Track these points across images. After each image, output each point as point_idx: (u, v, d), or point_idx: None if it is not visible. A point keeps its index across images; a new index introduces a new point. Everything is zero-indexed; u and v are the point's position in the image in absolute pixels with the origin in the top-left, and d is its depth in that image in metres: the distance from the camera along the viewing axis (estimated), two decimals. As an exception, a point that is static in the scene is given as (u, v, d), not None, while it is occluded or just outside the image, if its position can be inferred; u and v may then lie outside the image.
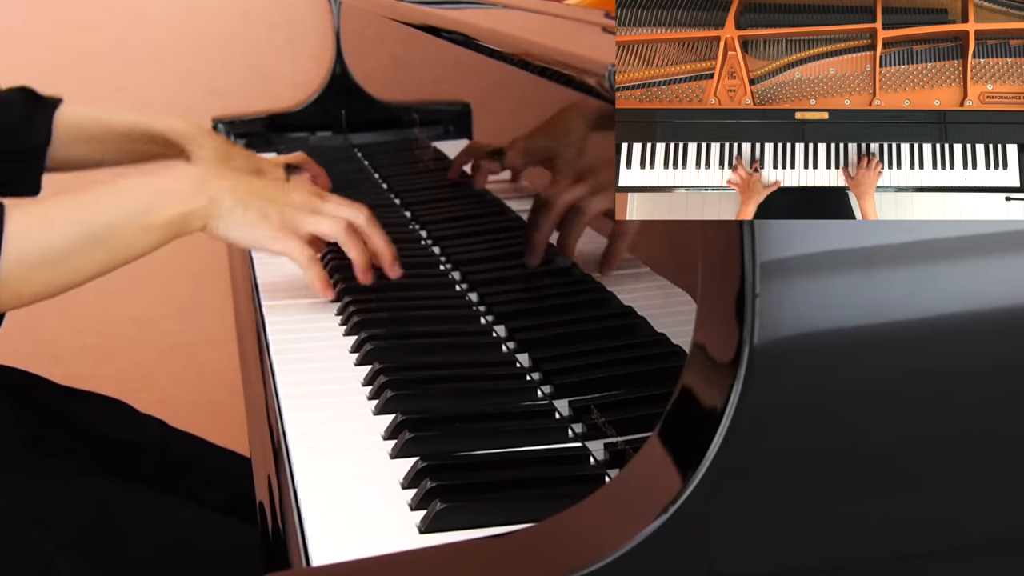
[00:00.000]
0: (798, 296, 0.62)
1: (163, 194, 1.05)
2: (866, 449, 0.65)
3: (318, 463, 0.83)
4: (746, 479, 0.63)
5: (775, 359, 0.62)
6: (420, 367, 0.98)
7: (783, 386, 0.63)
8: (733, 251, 0.62)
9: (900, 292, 0.64)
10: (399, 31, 1.55)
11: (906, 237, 0.64)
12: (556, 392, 0.92)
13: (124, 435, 1.34)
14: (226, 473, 1.38)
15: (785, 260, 0.62)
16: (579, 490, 0.68)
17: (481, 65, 1.18)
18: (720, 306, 0.64)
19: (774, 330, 0.62)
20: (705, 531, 0.64)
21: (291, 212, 1.08)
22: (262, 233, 1.07)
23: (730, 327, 0.62)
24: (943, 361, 0.66)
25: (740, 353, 0.61)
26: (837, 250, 0.63)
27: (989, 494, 0.69)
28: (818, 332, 0.63)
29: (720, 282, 0.63)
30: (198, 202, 1.05)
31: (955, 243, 0.65)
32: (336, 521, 0.76)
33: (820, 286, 0.63)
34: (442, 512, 0.73)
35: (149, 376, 2.25)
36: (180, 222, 1.05)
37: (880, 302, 0.64)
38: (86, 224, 1.02)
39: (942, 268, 0.65)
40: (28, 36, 2.08)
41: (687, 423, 0.65)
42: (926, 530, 0.68)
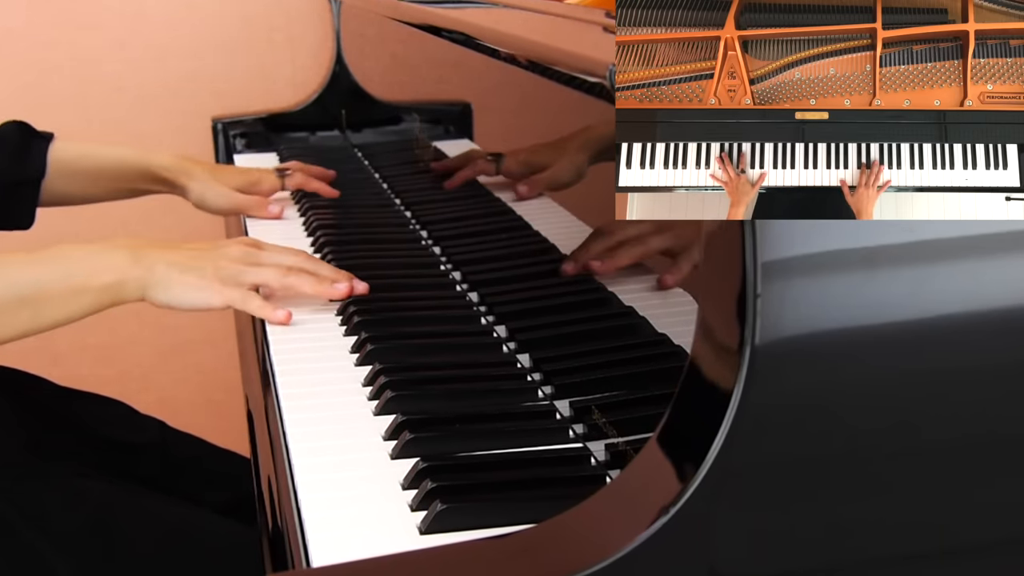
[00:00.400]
0: (799, 296, 0.62)
1: (97, 261, 1.06)
2: (867, 450, 0.65)
3: (318, 463, 0.84)
4: (747, 480, 0.64)
5: (776, 359, 0.62)
6: (421, 367, 0.98)
7: (784, 387, 0.63)
8: (734, 251, 0.62)
9: (902, 292, 0.64)
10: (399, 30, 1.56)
11: (908, 237, 0.64)
12: (557, 392, 0.92)
13: (124, 436, 1.34)
14: (226, 474, 1.38)
15: (787, 260, 0.62)
16: (580, 491, 0.68)
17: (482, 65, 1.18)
18: (721, 306, 0.64)
19: (775, 330, 0.62)
20: (706, 532, 0.64)
21: (226, 264, 1.09)
22: (201, 291, 1.07)
23: (731, 327, 0.62)
24: (944, 362, 0.66)
25: (741, 353, 0.62)
26: (839, 250, 0.63)
27: (989, 496, 0.69)
28: (819, 332, 0.63)
29: (721, 282, 0.63)
30: (134, 272, 1.06)
31: (957, 243, 0.65)
32: (336, 522, 0.76)
33: (821, 286, 0.63)
34: (443, 513, 0.74)
35: (149, 375, 2.25)
36: (115, 290, 1.05)
37: (882, 302, 0.64)
38: (13, 283, 1.02)
39: (944, 268, 0.65)
40: (27, 36, 2.08)
41: (688, 424, 0.65)
42: (926, 532, 0.68)
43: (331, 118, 1.97)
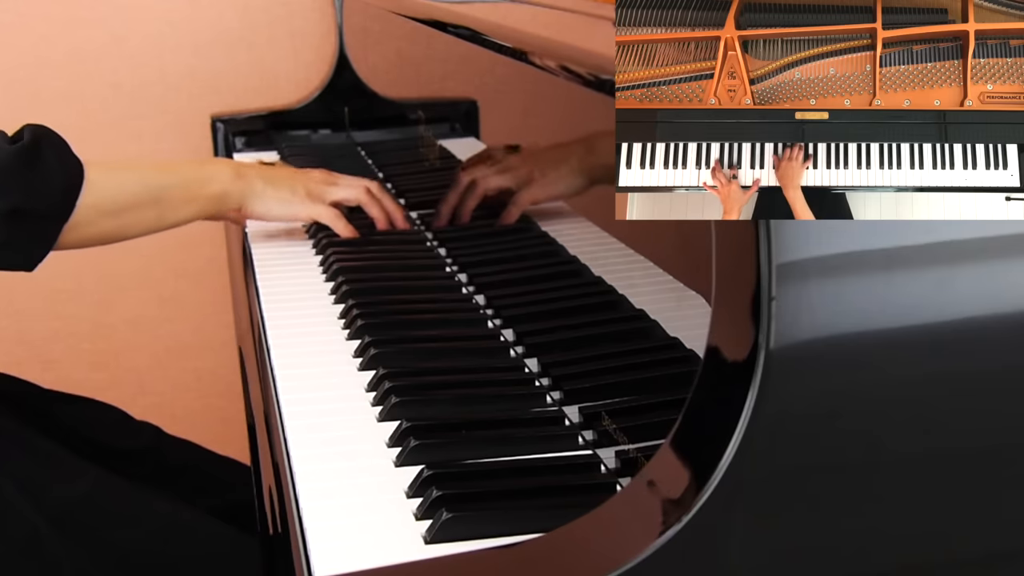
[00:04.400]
0: (816, 299, 0.62)
1: (208, 173, 1.27)
2: (887, 459, 0.65)
3: (320, 471, 0.84)
4: (762, 488, 0.64)
5: (792, 364, 0.62)
6: (426, 372, 0.98)
7: (800, 392, 0.63)
8: (749, 252, 0.62)
9: (921, 295, 0.64)
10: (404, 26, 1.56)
11: (927, 238, 0.64)
12: (566, 398, 0.92)
13: (117, 441, 1.34)
14: (223, 481, 1.38)
15: (802, 262, 0.62)
16: (589, 499, 0.69)
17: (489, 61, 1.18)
18: (735, 309, 0.64)
19: (791, 334, 0.62)
20: (720, 541, 0.64)
21: (314, 185, 1.31)
22: (292, 204, 1.29)
23: (745, 331, 0.62)
24: (966, 367, 0.66)
25: (755, 358, 0.62)
26: (856, 251, 0.63)
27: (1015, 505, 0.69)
28: (836, 337, 0.63)
29: (735, 285, 0.64)
30: (236, 184, 1.26)
31: (977, 244, 0.65)
32: (339, 531, 0.76)
33: (838, 289, 0.63)
34: (448, 522, 0.74)
35: (144, 381, 2.25)
36: (219, 199, 1.26)
37: (901, 305, 0.64)
38: (147, 185, 1.21)
39: (965, 270, 0.65)
40: (20, 31, 2.08)
41: (701, 430, 0.65)
42: (948, 542, 0.68)
43: (334, 116, 1.98)
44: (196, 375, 2.27)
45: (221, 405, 2.23)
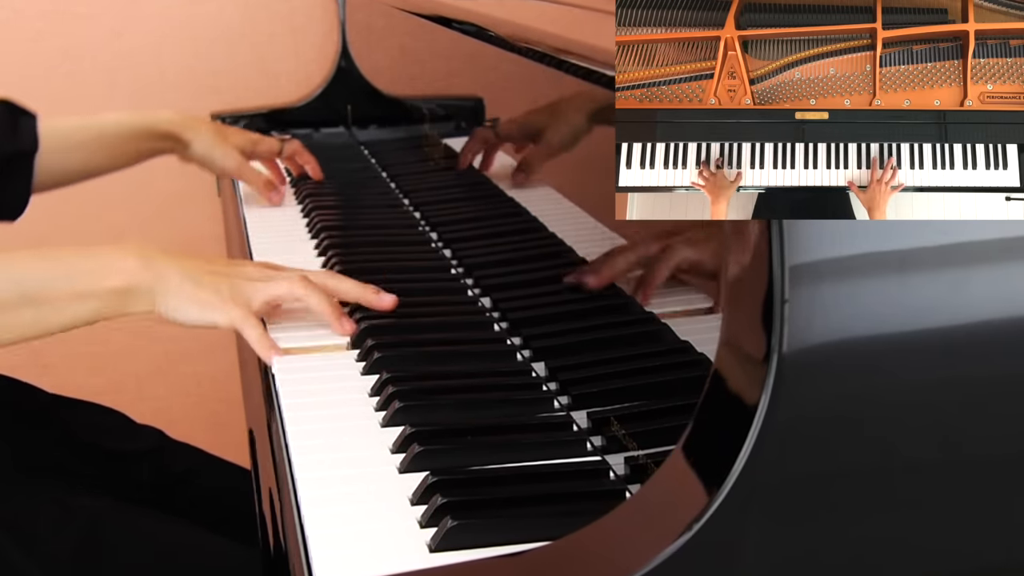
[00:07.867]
0: (829, 302, 0.62)
1: (106, 264, 1.03)
2: (901, 465, 0.66)
3: (322, 478, 0.84)
4: (775, 494, 0.64)
5: (805, 368, 0.62)
6: (430, 377, 0.98)
7: (813, 397, 0.63)
8: (761, 254, 0.62)
9: (937, 297, 0.64)
10: (408, 22, 1.56)
11: (942, 239, 0.64)
12: (574, 403, 0.92)
13: (119, 446, 1.35)
14: (224, 486, 1.39)
15: (816, 264, 0.62)
16: (598, 506, 0.69)
17: (494, 58, 1.18)
18: (747, 312, 0.64)
19: (804, 338, 0.62)
20: (732, 549, 0.64)
21: (241, 284, 1.06)
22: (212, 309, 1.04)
23: (758, 334, 0.62)
24: (983, 371, 0.66)
25: (768, 362, 0.62)
26: (870, 253, 0.63)
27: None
28: (850, 340, 0.63)
29: (747, 287, 0.64)
30: (144, 278, 1.03)
31: (994, 245, 0.66)
32: (341, 539, 0.76)
33: (852, 291, 0.63)
34: (453, 530, 0.74)
35: (144, 386, 2.26)
36: (122, 296, 1.03)
37: (916, 308, 0.64)
38: (17, 280, 1.01)
39: (981, 272, 0.65)
40: (15, 27, 2.09)
41: (712, 436, 0.65)
42: (962, 551, 0.68)
43: (336, 114, 1.98)
44: (196, 380, 2.28)
45: (221, 411, 2.23)
